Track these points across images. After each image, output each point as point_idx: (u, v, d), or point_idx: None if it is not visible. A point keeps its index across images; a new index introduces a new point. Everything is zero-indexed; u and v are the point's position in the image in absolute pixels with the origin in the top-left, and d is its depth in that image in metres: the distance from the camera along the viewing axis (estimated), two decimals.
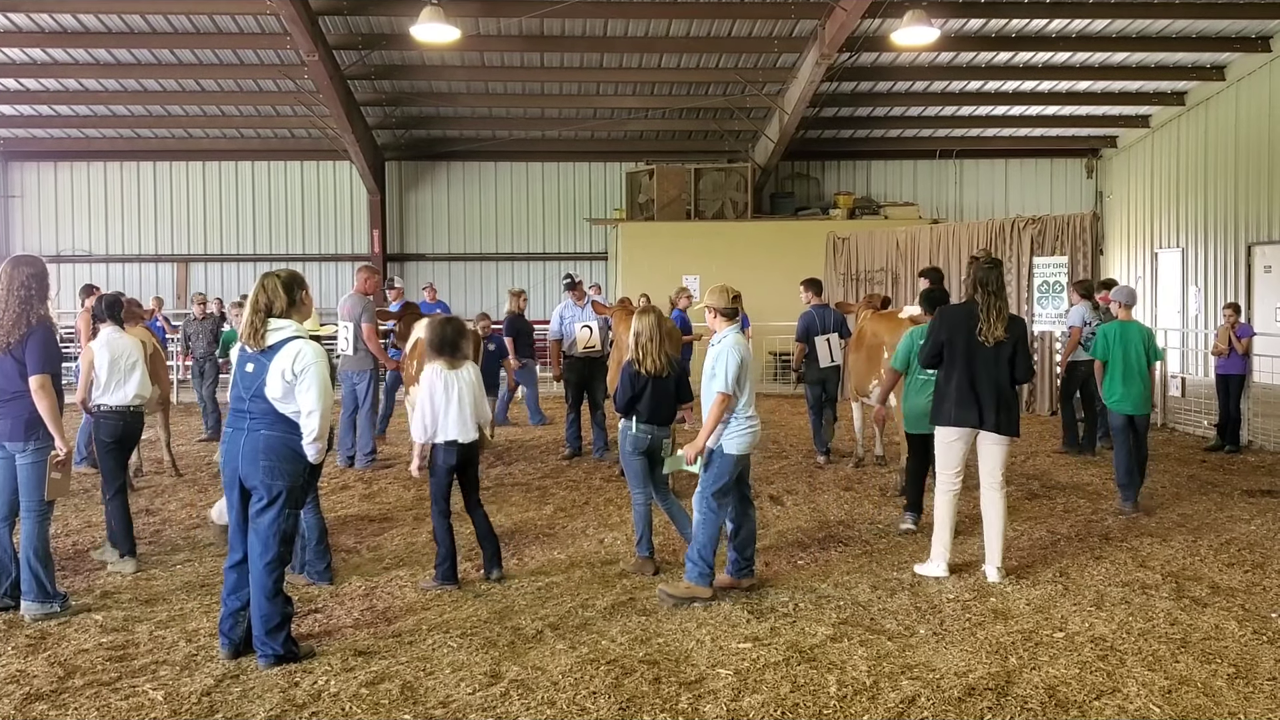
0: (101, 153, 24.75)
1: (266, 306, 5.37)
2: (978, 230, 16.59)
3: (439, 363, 6.83)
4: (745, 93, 21.06)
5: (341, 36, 18.55)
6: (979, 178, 25.59)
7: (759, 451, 11.99)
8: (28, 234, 25.09)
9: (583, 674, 5.24)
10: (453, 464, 6.81)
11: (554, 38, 18.76)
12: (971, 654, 5.51)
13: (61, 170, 25.09)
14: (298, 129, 23.36)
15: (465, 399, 6.76)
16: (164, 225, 25.25)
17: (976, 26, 18.24)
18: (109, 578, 7.03)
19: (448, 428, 6.75)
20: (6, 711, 4.81)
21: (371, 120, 22.95)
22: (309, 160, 25.13)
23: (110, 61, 19.63)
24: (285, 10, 15.94)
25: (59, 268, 24.71)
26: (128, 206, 25.21)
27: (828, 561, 7.32)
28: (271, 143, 24.56)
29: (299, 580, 6.75)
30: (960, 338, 6.86)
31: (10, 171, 25.04)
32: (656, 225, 21.78)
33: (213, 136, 24.32)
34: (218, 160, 25.11)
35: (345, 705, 4.88)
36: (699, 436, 6.52)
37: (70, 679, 5.19)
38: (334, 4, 17.24)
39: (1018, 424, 7.02)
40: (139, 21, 17.93)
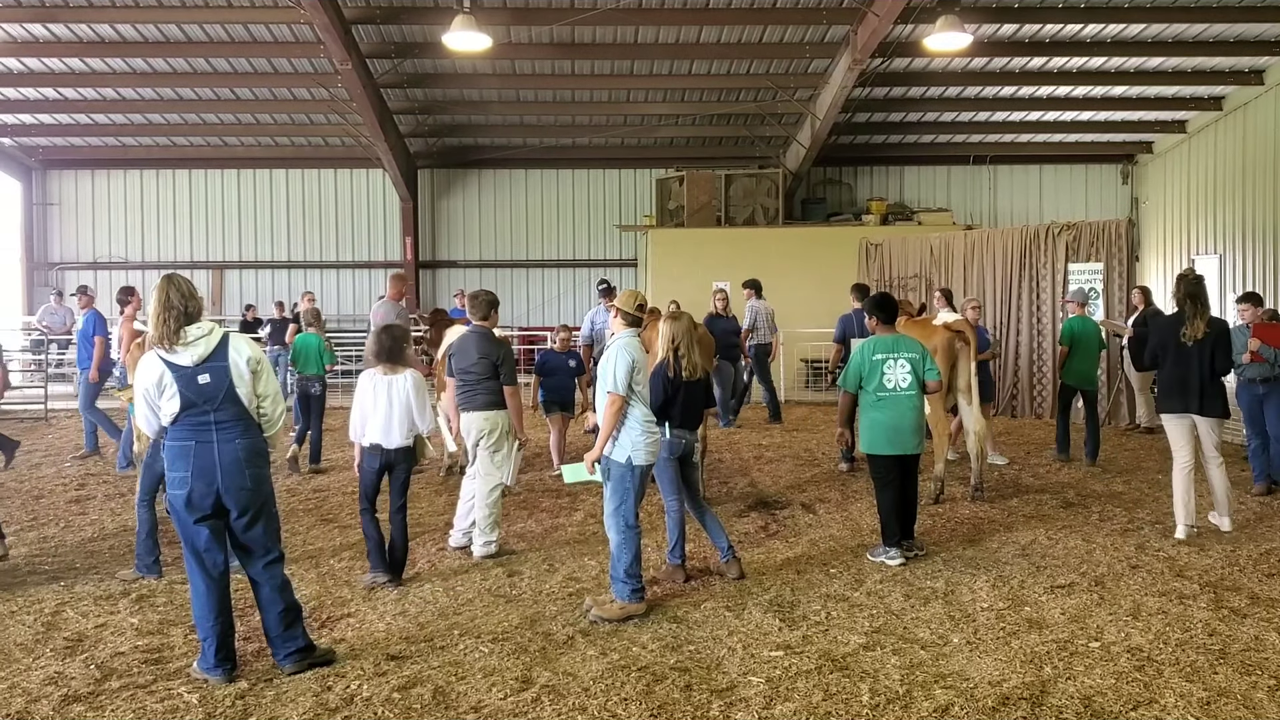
0: (138, 160, 25.03)
1: (183, 309, 5.23)
2: (1012, 236, 16.45)
3: (378, 368, 7.05)
4: (777, 98, 21.02)
5: (374, 45, 18.69)
6: (1013, 183, 25.41)
7: (792, 459, 12.00)
8: (65, 241, 25.41)
9: (614, 680, 5.23)
10: (376, 466, 7.01)
11: (585, 45, 18.81)
12: (1006, 663, 5.46)
13: (99, 178, 25.40)
14: (331, 137, 23.56)
15: (395, 405, 6.94)
16: (199, 232, 25.51)
17: (1010, 31, 18.11)
18: (145, 581, 7.09)
19: (373, 431, 6.96)
20: (45, 713, 4.87)
21: (404, 128, 23.08)
22: (342, 168, 25.31)
23: (147, 70, 19.86)
24: (319, 19, 16.08)
25: (95, 274, 25.04)
26: (163, 213, 25.48)
27: (860, 570, 7.27)
28: (305, 150, 24.76)
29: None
30: (1170, 340, 8.09)
31: (49, 179, 25.37)
32: (686, 232, 21.76)
33: (247, 144, 24.54)
34: (252, 168, 25.34)
35: (378, 710, 4.90)
36: (597, 443, 6.40)
37: (107, 681, 5.24)
38: (367, 13, 17.38)
39: (1224, 407, 8.15)
40: (175, 31, 18.14)
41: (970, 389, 9.81)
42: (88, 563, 7.60)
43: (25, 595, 6.74)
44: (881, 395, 7.51)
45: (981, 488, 9.74)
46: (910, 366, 7.53)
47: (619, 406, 6.32)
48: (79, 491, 10.32)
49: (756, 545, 7.97)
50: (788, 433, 14.25)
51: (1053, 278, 15.68)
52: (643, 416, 6.41)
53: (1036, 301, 15.92)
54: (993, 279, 16.47)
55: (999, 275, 16.39)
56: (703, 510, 7.23)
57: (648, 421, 6.43)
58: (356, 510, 9.20)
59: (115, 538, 8.39)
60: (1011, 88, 20.77)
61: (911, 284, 17.91)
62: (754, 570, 7.24)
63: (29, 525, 8.73)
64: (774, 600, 6.56)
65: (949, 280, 17.23)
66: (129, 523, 8.86)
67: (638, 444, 6.36)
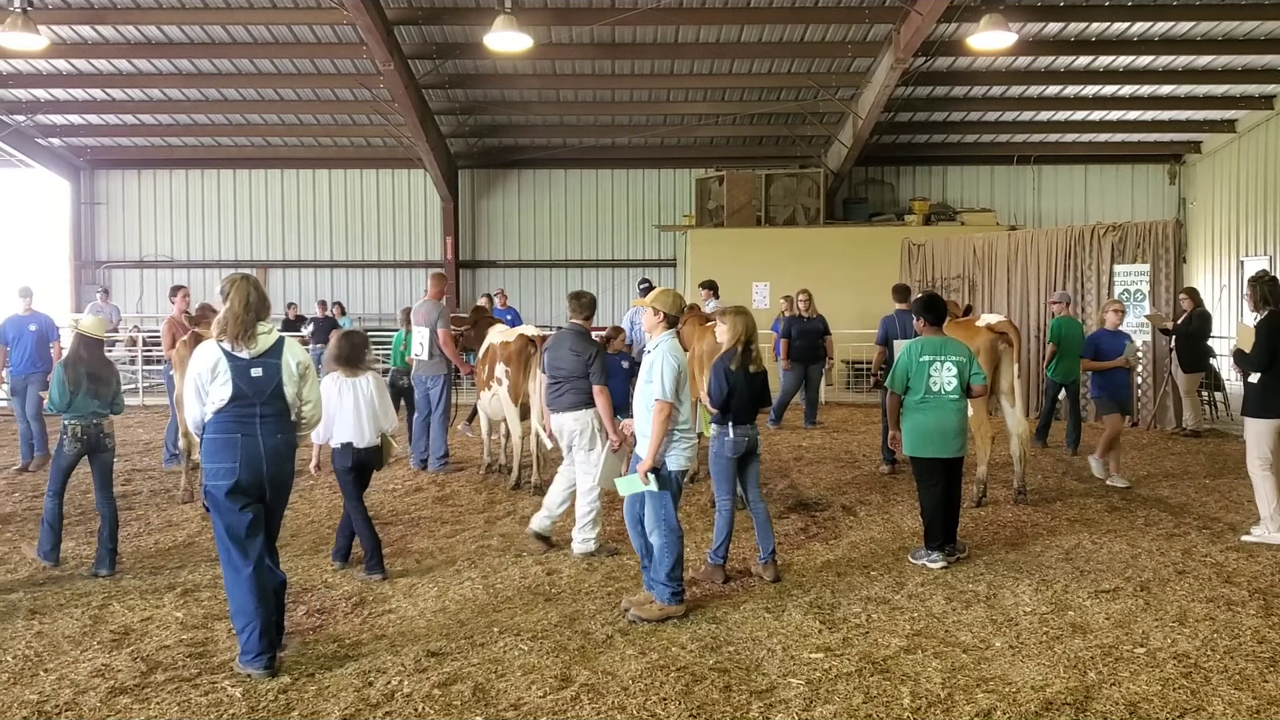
0: (184, 161, 25.37)
1: (259, 310, 5.46)
2: (1057, 237, 16.26)
3: (338, 371, 7.26)
4: (818, 98, 20.94)
5: (416, 46, 18.81)
6: (1058, 183, 25.14)
7: (832, 461, 11.94)
8: (113, 240, 25.80)
9: (653, 680, 5.22)
10: (348, 464, 7.15)
11: (625, 45, 18.84)
12: (1049, 668, 5.40)
13: (145, 178, 25.76)
14: (373, 137, 23.75)
15: (361, 405, 7.14)
16: (243, 231, 25.80)
17: (1055, 30, 17.94)
18: (190, 576, 7.17)
19: (342, 431, 7.14)
20: (93, 704, 4.93)
21: (445, 129, 23.22)
22: (384, 168, 25.50)
23: (192, 71, 20.14)
24: (362, 20, 16.21)
25: (142, 272, 25.46)
26: (208, 213, 25.80)
27: (901, 572, 7.21)
28: (348, 151, 24.98)
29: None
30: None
31: (97, 179, 25.76)
32: (726, 231, 21.70)
33: (291, 145, 24.79)
34: (295, 168, 25.59)
35: (418, 706, 4.92)
36: (648, 452, 6.27)
37: (153, 674, 5.30)
38: (409, 14, 17.51)
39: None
40: (220, 32, 18.38)
41: (1014, 391, 9.70)
42: (133, 557, 7.70)
43: (73, 589, 6.84)
44: (927, 397, 7.45)
45: (1024, 491, 9.63)
46: (956, 369, 7.47)
47: (669, 414, 6.25)
48: (125, 487, 10.45)
49: (796, 547, 7.93)
50: (828, 434, 14.18)
51: (1098, 279, 15.48)
52: (684, 422, 6.38)
53: (1081, 303, 15.72)
54: (1036, 280, 16.28)
55: (1043, 276, 16.21)
56: (761, 506, 7.18)
57: (685, 427, 6.41)
58: (393, 510, 9.34)
59: (160, 533, 8.49)
60: (1056, 87, 20.56)
61: (954, 285, 17.76)
62: (794, 572, 7.21)
63: (77, 520, 8.85)
64: (814, 602, 6.53)
65: (992, 281, 17.07)
66: (174, 518, 9.01)
67: (674, 451, 6.35)
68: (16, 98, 21.41)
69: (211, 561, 7.49)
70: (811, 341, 14.53)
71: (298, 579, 7.10)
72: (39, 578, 7.08)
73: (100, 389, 7.40)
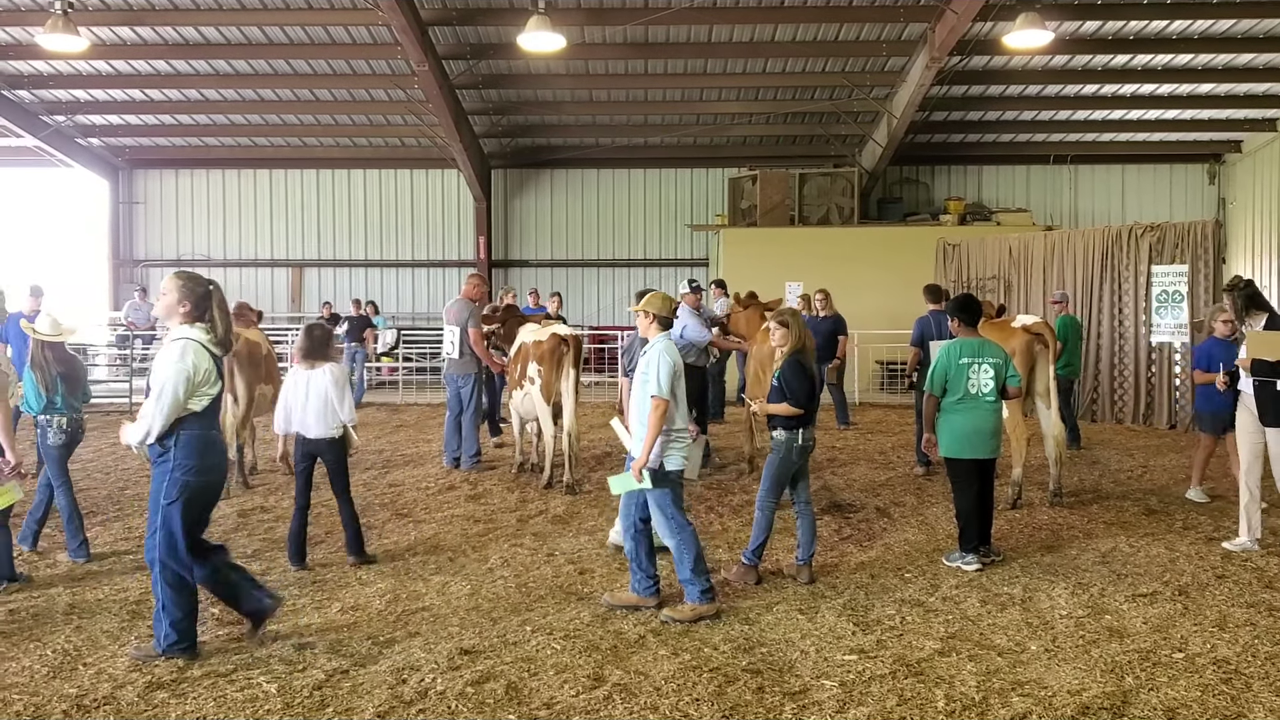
0: (220, 160, 25.59)
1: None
2: (1093, 237, 16.12)
3: (300, 364, 7.45)
4: (852, 96, 20.83)
5: (450, 46, 18.89)
6: (1095, 183, 24.87)
7: (866, 462, 11.89)
8: (150, 239, 26.06)
9: (685, 680, 5.22)
10: (302, 454, 7.44)
11: (658, 45, 18.83)
12: (1085, 672, 5.35)
13: (182, 177, 26.00)
14: (407, 138, 23.86)
15: (312, 398, 7.33)
16: (279, 231, 25.99)
17: (1093, 29, 17.76)
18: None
19: (300, 422, 7.39)
20: (131, 699, 4.99)
21: (478, 129, 23.29)
22: (418, 168, 25.61)
23: (229, 72, 20.30)
24: (397, 21, 16.29)
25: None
26: (244, 212, 26.00)
27: (935, 575, 7.17)
28: (382, 151, 25.11)
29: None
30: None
31: (135, 179, 26.02)
32: (759, 231, 21.64)
33: (326, 145, 24.95)
34: (330, 168, 25.74)
35: (451, 703, 4.94)
36: (643, 450, 6.26)
37: (189, 669, 5.35)
38: (444, 14, 17.57)
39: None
40: (256, 33, 18.53)
41: (1049, 393, 9.62)
42: None
43: (111, 584, 6.91)
44: (963, 399, 7.40)
45: (1060, 493, 9.55)
46: (993, 371, 7.41)
47: (665, 411, 6.25)
48: None
49: (830, 549, 7.90)
50: (862, 435, 14.12)
51: (1135, 280, 15.33)
52: (673, 423, 6.36)
53: (1118, 304, 15.58)
54: (1073, 281, 16.14)
55: (1079, 277, 16.07)
56: (808, 508, 7.16)
57: (680, 427, 6.40)
58: (425, 508, 9.39)
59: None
60: (1094, 85, 20.35)
61: (989, 285, 17.64)
62: (828, 574, 7.18)
63: (115, 516, 8.96)
64: (848, 604, 6.50)
65: (1028, 282, 16.94)
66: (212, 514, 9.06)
67: (676, 449, 6.36)
68: (57, 98, 21.67)
69: (247, 558, 7.57)
70: (822, 341, 14.35)
71: (332, 576, 7.15)
72: (77, 573, 7.16)
73: (73, 386, 7.57)
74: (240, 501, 9.64)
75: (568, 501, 9.62)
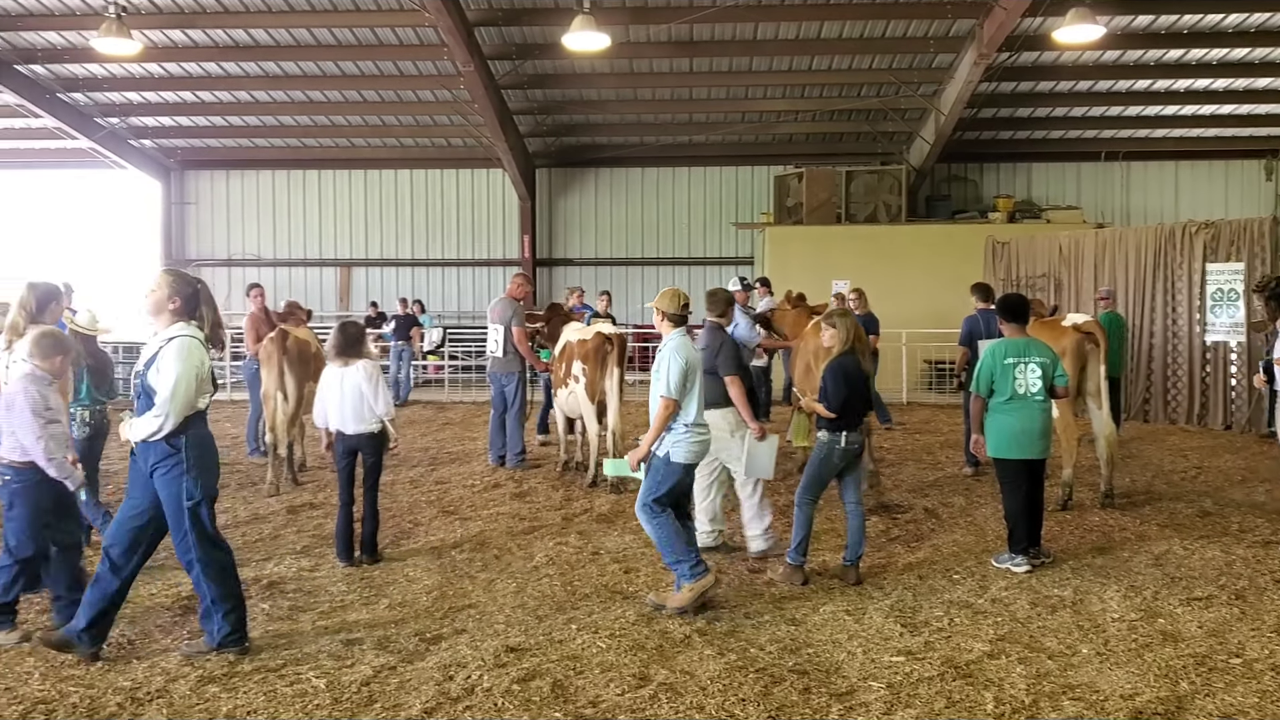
0: (270, 161, 25.88)
1: None
2: (1146, 235, 15.86)
3: (335, 361, 7.54)
4: (899, 94, 20.68)
5: (496, 47, 18.97)
6: (1147, 180, 24.48)
7: (914, 463, 11.79)
8: (201, 239, 26.43)
9: (731, 680, 5.20)
10: (340, 450, 7.51)
11: (703, 43, 18.79)
12: (1138, 676, 5.26)
13: (233, 178, 26.33)
14: (453, 138, 24.01)
15: (347, 394, 7.40)
16: (327, 230, 26.25)
17: (1145, 23, 17.51)
18: (275, 568, 7.31)
19: (332, 418, 7.49)
20: (183, 692, 5.05)
21: (523, 128, 23.37)
22: (464, 168, 25.74)
23: (279, 74, 20.53)
24: (443, 22, 16.39)
25: (230, 271, 26.03)
26: (294, 212, 26.30)
27: (984, 576, 7.08)
28: (429, 151, 25.28)
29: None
30: None
31: (186, 180, 26.40)
32: (805, 229, 21.53)
33: (374, 146, 25.16)
34: (378, 168, 25.96)
35: (498, 700, 4.96)
36: (643, 442, 6.42)
37: (240, 664, 5.41)
38: (489, 15, 17.66)
39: None
40: (305, 35, 18.73)
41: (1100, 393, 9.47)
42: None
43: (164, 579, 7.01)
44: (1011, 399, 7.30)
45: (1112, 494, 9.40)
46: (1041, 371, 7.31)
47: (672, 410, 6.34)
48: None
49: (878, 549, 7.83)
50: (910, 435, 14.01)
51: (1189, 278, 15.06)
52: (691, 419, 6.41)
53: (1172, 303, 15.32)
54: (1125, 280, 15.90)
55: (1132, 276, 15.82)
56: (858, 509, 7.10)
57: (694, 424, 6.43)
58: (471, 505, 9.44)
59: (248, 525, 8.67)
60: (1146, 81, 20.05)
61: (1039, 284, 17.42)
62: (875, 574, 7.12)
63: None
64: (895, 605, 6.44)
65: (1079, 281, 16.71)
66: (260, 510, 9.20)
67: (679, 442, 6.38)
68: (110, 101, 22.03)
69: (296, 554, 7.66)
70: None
71: (379, 573, 7.20)
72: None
73: (99, 380, 7.62)
74: (289, 498, 9.75)
75: (612, 500, 9.62)
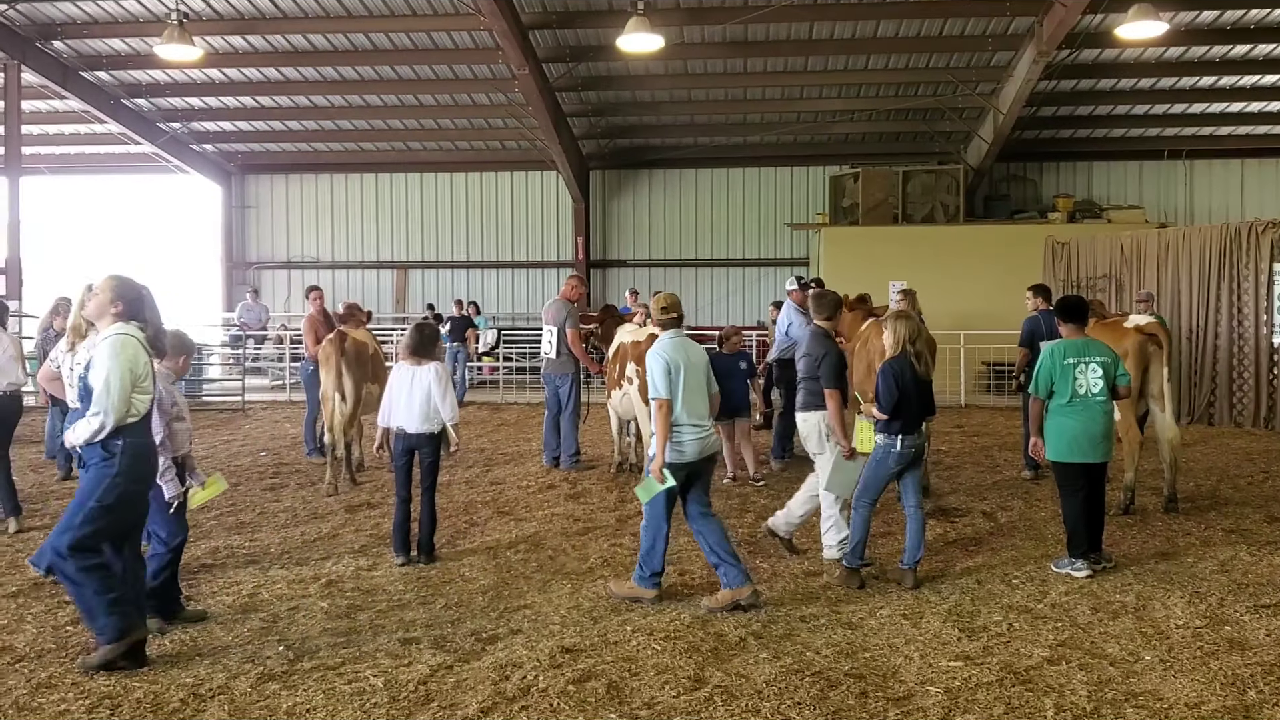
0: (328, 165, 26.25)
1: None
2: (1211, 235, 15.53)
3: (407, 360, 7.58)
4: (957, 93, 20.47)
5: (550, 50, 19.07)
6: (1211, 179, 23.99)
7: (972, 466, 11.64)
8: (261, 241, 26.85)
9: (787, 684, 5.17)
10: (400, 448, 7.57)
11: (758, 43, 18.74)
12: (1204, 684, 5.15)
13: (292, 182, 26.72)
14: (508, 140, 24.16)
15: (417, 394, 7.45)
16: (384, 233, 26.55)
17: (1210, 19, 17.18)
18: (334, 567, 7.40)
19: (398, 416, 7.53)
20: (244, 689, 5.13)
21: (577, 131, 23.46)
22: (518, 170, 25.90)
23: (336, 79, 20.83)
24: (498, 26, 16.51)
25: (289, 273, 26.42)
26: (351, 216, 26.63)
27: (1044, 581, 6.98)
28: (484, 154, 25.48)
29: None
30: None
31: (246, 184, 26.84)
32: (861, 230, 21.38)
33: (429, 149, 25.41)
34: (434, 171, 26.20)
35: (553, 701, 4.97)
36: (654, 452, 6.46)
37: (299, 662, 5.48)
38: (544, 18, 17.76)
39: None
40: (362, 40, 18.98)
41: (1163, 395, 9.30)
42: (281, 548, 7.98)
43: (225, 578, 7.12)
44: (1072, 401, 7.18)
45: (1175, 499, 9.22)
46: (1101, 371, 7.19)
47: (667, 410, 6.41)
48: (273, 480, 10.86)
49: (935, 553, 7.74)
50: (967, 438, 13.85)
51: (1256, 279, 14.72)
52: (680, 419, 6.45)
53: (1237, 304, 14.99)
54: (1188, 280, 15.59)
55: (1196, 276, 15.51)
56: (919, 515, 7.04)
57: (684, 424, 6.46)
58: (526, 506, 9.48)
59: (307, 524, 8.78)
60: (1211, 78, 19.68)
61: (1101, 285, 17.14)
62: (932, 579, 7.04)
63: (228, 511, 9.23)
64: (953, 609, 6.37)
65: (1141, 282, 16.41)
66: (319, 510, 9.31)
67: (674, 444, 6.44)
68: (173, 106, 22.47)
69: (354, 554, 7.74)
70: None
71: (436, 573, 7.25)
72: (192, 565, 7.38)
73: None
74: (347, 498, 9.85)
75: None
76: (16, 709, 4.91)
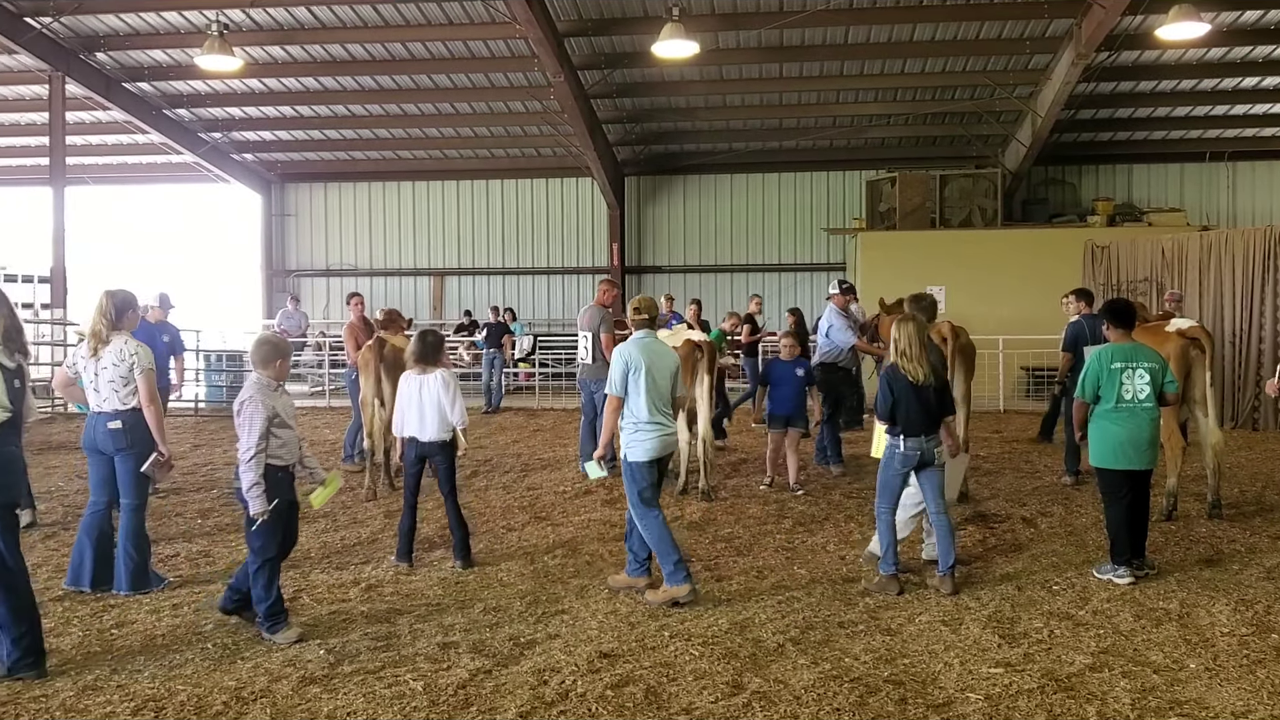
0: (365, 173, 26.49)
1: None
2: (1254, 238, 15.32)
3: (413, 369, 7.66)
4: (994, 96, 20.32)
5: (585, 57, 19.13)
6: (1255, 181, 23.67)
7: (1012, 471, 11.54)
8: (300, 249, 27.12)
9: (825, 690, 5.15)
10: (412, 457, 7.66)
11: (793, 48, 18.70)
12: (1250, 693, 5.08)
13: (331, 190, 26.99)
14: (543, 147, 24.28)
15: (426, 402, 7.52)
16: (421, 240, 26.75)
17: (1252, 19, 16.96)
18: (373, 571, 7.45)
19: (409, 424, 7.60)
20: (285, 692, 5.18)
21: (612, 137, 23.52)
22: (553, 177, 26.01)
23: (374, 88, 21.01)
24: (534, 34, 16.58)
25: (329, 280, 26.68)
26: (389, 223, 26.85)
27: (1085, 588, 6.91)
28: (519, 161, 25.61)
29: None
30: None
31: (286, 192, 27.13)
32: (898, 234, 21.25)
33: (465, 156, 25.59)
34: (470, 179, 26.37)
35: (591, 706, 4.98)
36: (600, 441, 7.06)
37: (340, 665, 5.53)
38: (579, 25, 17.81)
39: None
40: (400, 49, 19.12)
41: (1206, 400, 9.18)
42: (321, 552, 8.05)
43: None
44: (1119, 407, 7.10)
45: (1220, 504, 9.10)
46: (1149, 377, 7.10)
47: (615, 407, 6.73)
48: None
49: (975, 559, 7.69)
50: (1006, 443, 13.74)
51: None
52: (630, 416, 6.69)
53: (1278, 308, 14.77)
54: (1231, 284, 15.38)
55: (1239, 280, 15.30)
56: (943, 520, 7.00)
57: (647, 422, 6.66)
58: (563, 511, 9.50)
59: (346, 530, 8.85)
60: (1254, 79, 19.42)
61: (1141, 289, 16.95)
62: (971, 585, 6.99)
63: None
64: (993, 616, 6.32)
65: (1183, 285, 16.22)
66: (358, 515, 9.37)
67: (631, 442, 6.71)
68: (214, 116, 22.74)
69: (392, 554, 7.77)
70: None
71: (474, 578, 7.29)
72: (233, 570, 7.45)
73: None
74: (386, 503, 9.91)
75: (703, 508, 9.61)
76: (64, 710, 4.99)
